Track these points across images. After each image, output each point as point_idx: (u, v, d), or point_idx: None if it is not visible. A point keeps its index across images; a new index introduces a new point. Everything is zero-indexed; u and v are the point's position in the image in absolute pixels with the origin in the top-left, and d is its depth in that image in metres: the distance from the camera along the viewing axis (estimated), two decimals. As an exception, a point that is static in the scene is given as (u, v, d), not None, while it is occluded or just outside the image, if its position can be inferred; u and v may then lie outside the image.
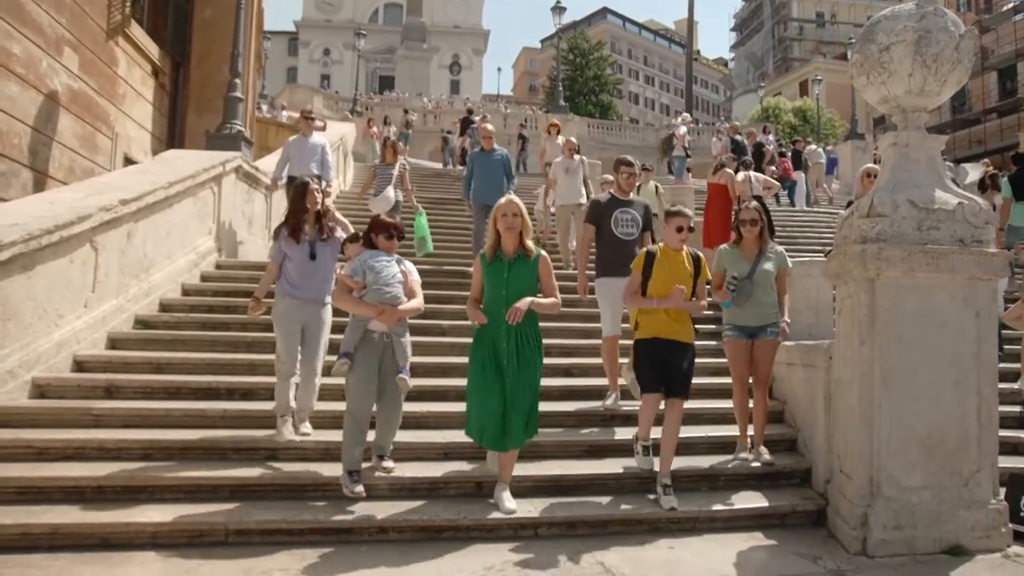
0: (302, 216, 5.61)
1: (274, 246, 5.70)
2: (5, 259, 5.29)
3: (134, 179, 7.77)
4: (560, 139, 12.87)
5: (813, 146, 23.12)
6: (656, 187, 12.65)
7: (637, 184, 10.30)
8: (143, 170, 8.62)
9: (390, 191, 10.32)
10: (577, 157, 11.12)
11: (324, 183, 8.67)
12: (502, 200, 4.82)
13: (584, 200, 10.54)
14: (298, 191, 5.68)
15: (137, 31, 11.68)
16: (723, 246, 6.11)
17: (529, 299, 4.68)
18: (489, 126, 11.09)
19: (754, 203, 6.18)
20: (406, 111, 29.88)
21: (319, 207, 5.70)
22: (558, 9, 27.51)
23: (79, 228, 6.19)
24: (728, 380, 6.06)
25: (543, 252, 4.88)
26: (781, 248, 6.14)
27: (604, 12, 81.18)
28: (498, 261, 4.78)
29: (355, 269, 5.17)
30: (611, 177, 12.33)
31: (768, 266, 5.86)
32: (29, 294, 5.70)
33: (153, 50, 12.33)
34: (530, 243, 4.78)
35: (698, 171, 22.57)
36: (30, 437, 5.08)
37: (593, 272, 6.64)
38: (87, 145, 10.24)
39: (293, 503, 4.72)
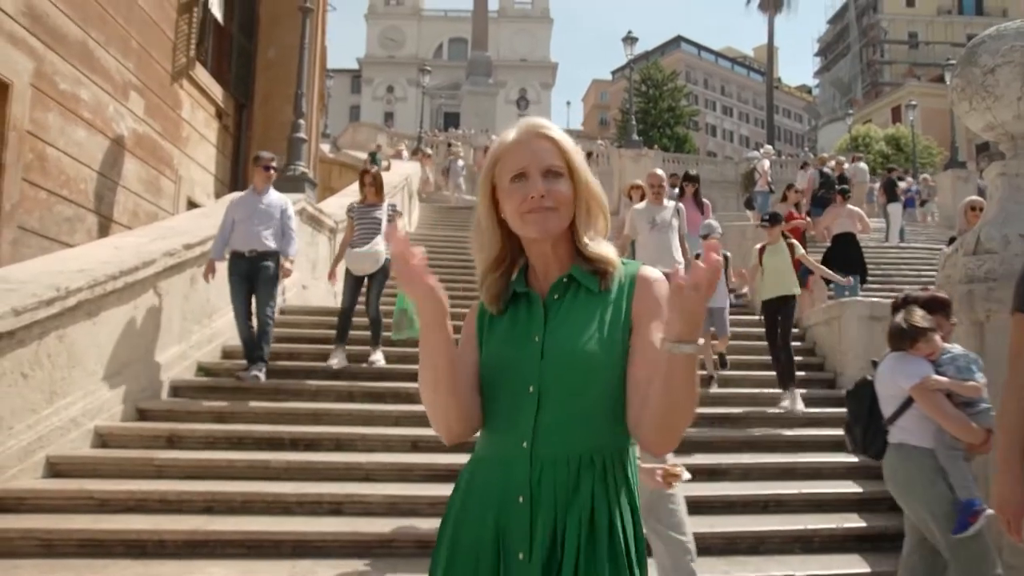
0: None
1: None
2: (72, 305, 5.52)
3: (197, 223, 8.05)
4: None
5: (860, 164, 22.58)
6: (791, 245, 7.92)
7: (762, 245, 7.84)
8: (206, 213, 8.93)
9: (379, 243, 7.47)
10: (670, 203, 8.10)
11: (283, 260, 7.26)
12: (518, 130, 1.74)
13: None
14: None
15: (201, 73, 12.20)
16: None
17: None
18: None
19: None
20: (450, 144, 30.30)
21: None
22: (629, 39, 27.63)
23: (144, 273, 6.44)
24: (827, 432, 5.80)
25: (647, 269, 1.75)
26: None
27: (678, 41, 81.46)
28: (521, 303, 1.78)
29: (962, 367, 3.78)
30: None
31: None
32: (94, 341, 5.92)
33: (217, 92, 12.85)
34: (605, 248, 1.73)
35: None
36: (92, 488, 5.23)
37: None
38: (151, 189, 10.68)
39: (358, 560, 4.73)
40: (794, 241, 8.05)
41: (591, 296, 1.68)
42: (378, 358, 7.64)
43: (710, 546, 5.07)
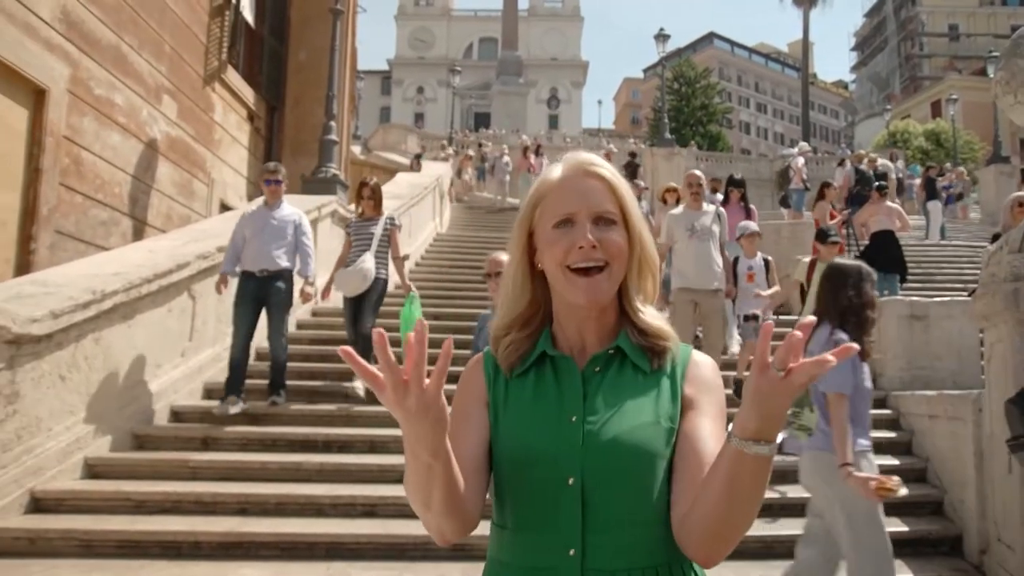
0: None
1: None
2: (108, 308, 5.62)
3: (230, 225, 8.09)
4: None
5: (885, 161, 22.17)
6: None
7: (812, 259, 7.32)
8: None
9: (367, 260, 6.97)
10: (710, 207, 7.39)
11: (304, 282, 6.84)
12: (564, 166, 1.45)
13: (720, 282, 7.00)
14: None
15: (233, 76, 12.34)
16: None
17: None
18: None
19: None
20: (480, 144, 30.39)
21: None
22: (661, 37, 27.49)
23: (177, 276, 6.53)
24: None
25: (698, 353, 1.49)
26: None
27: (711, 37, 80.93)
28: (546, 370, 1.44)
29: None
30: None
31: None
32: (130, 344, 6.02)
33: (248, 95, 12.99)
34: (660, 320, 1.44)
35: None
36: (129, 489, 5.32)
37: None
38: (184, 192, 10.82)
39: (392, 563, 4.76)
40: None
41: (639, 375, 1.40)
42: (357, 385, 6.93)
43: (745, 550, 5.03)
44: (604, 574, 1.28)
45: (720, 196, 10.56)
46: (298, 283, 6.93)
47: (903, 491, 3.28)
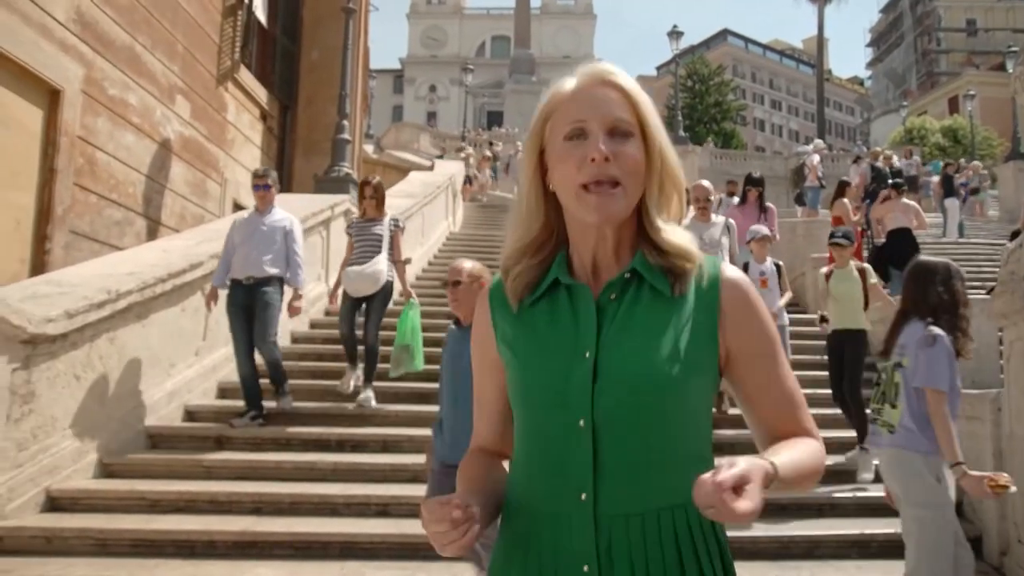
0: None
1: None
2: (122, 308, 5.66)
3: (244, 225, 8.17)
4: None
5: (898, 160, 21.96)
6: (863, 271, 6.79)
7: (828, 270, 6.78)
8: (252, 216, 9.07)
9: (380, 262, 6.81)
10: (718, 218, 7.29)
11: (293, 290, 6.59)
12: (578, 76, 1.36)
13: None
14: None
15: (246, 76, 12.39)
16: None
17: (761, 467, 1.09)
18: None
19: None
20: (491, 143, 30.39)
21: None
22: (675, 34, 27.43)
23: (191, 276, 6.57)
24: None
25: (730, 270, 1.33)
26: None
27: (724, 34, 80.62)
28: (560, 299, 1.33)
29: None
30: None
31: None
32: (144, 343, 6.06)
33: (261, 94, 13.04)
34: (681, 237, 1.30)
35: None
36: (143, 488, 5.35)
37: None
38: (197, 191, 10.87)
39: (406, 562, 4.77)
40: (866, 266, 7.07)
41: (660, 300, 1.27)
42: (368, 396, 6.79)
43: (762, 550, 5.03)
44: (618, 519, 1.22)
45: (736, 200, 10.47)
46: (288, 294, 6.70)
47: (1012, 488, 3.21)
